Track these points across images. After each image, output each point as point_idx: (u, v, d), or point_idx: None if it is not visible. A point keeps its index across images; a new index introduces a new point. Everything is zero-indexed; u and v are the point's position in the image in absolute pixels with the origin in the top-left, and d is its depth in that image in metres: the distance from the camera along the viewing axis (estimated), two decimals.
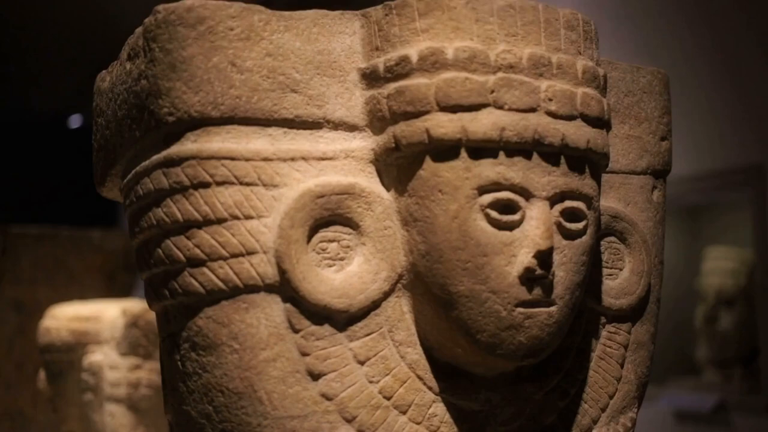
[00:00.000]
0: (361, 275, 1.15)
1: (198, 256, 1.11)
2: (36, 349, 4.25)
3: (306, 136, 1.16)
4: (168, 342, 1.18)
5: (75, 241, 4.49)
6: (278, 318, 1.12)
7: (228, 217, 1.11)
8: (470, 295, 1.14)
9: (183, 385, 1.16)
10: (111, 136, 1.29)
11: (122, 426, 2.49)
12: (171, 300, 1.15)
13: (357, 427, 1.14)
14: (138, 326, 2.54)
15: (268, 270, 1.11)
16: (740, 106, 3.74)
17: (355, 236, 1.16)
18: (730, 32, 3.85)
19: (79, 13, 8.62)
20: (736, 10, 3.86)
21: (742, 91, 3.69)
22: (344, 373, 1.14)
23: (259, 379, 1.11)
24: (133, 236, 1.21)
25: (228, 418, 1.12)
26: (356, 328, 1.15)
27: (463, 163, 1.13)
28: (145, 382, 2.52)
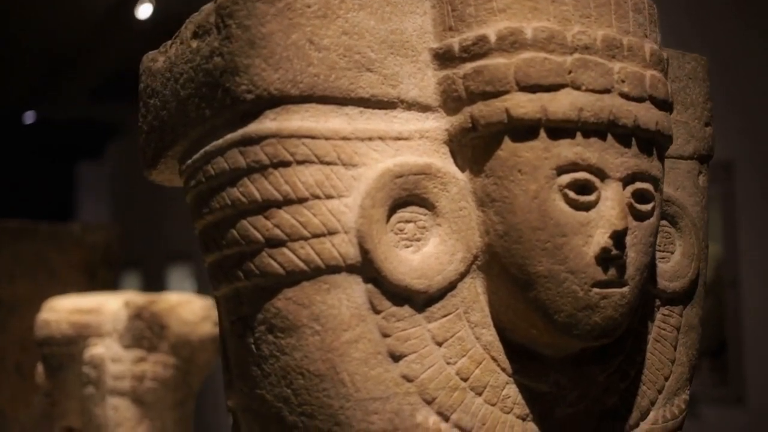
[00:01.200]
0: (438, 256, 1.15)
1: (278, 236, 1.09)
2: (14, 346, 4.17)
3: (381, 115, 1.15)
4: (239, 325, 1.16)
5: (55, 236, 4.41)
6: (360, 299, 1.10)
7: (309, 197, 1.09)
8: (549, 275, 1.14)
9: (257, 368, 1.14)
10: (169, 117, 1.26)
11: (126, 419, 2.45)
12: (245, 282, 1.13)
13: (436, 408, 1.13)
14: (142, 318, 2.49)
15: (350, 250, 1.09)
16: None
17: (431, 217, 1.15)
18: (685, 34, 3.90)
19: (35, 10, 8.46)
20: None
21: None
22: (423, 355, 1.13)
23: (342, 361, 1.09)
24: (199, 217, 1.19)
25: (308, 401, 1.10)
26: (434, 309, 1.14)
27: (543, 143, 1.13)
28: (150, 375, 2.48)
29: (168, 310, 2.51)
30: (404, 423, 1.11)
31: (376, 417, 1.10)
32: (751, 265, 4.33)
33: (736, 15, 4.02)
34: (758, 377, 4.20)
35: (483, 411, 1.16)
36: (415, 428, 1.11)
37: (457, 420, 1.14)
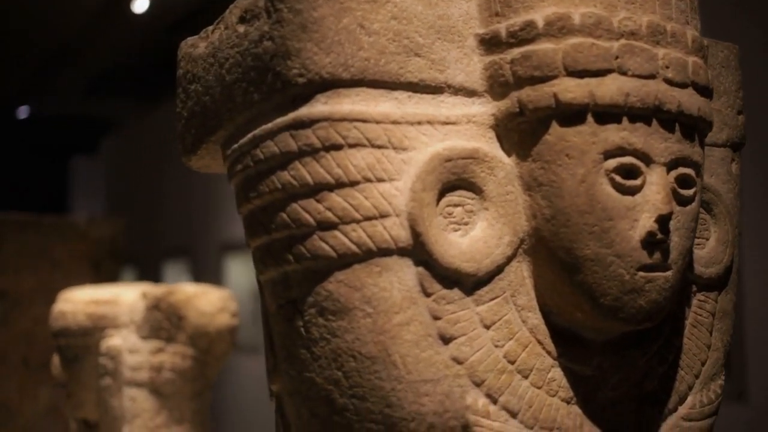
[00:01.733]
0: (486, 240, 1.15)
1: (329, 219, 1.10)
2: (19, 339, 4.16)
3: (429, 100, 1.16)
4: (287, 308, 1.16)
5: (60, 228, 4.41)
6: (410, 282, 1.11)
7: (361, 180, 1.10)
8: (596, 259, 1.15)
9: (306, 351, 1.14)
10: (212, 102, 1.26)
11: (144, 410, 2.44)
12: (295, 265, 1.13)
13: (485, 391, 1.14)
14: (160, 309, 2.49)
15: (401, 233, 1.10)
16: None
17: (479, 201, 1.16)
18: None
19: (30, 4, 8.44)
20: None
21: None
22: (473, 337, 1.14)
23: (393, 343, 1.10)
24: (246, 201, 1.19)
25: (359, 383, 1.11)
26: (482, 292, 1.15)
27: (590, 128, 1.14)
28: (168, 366, 2.47)
29: (185, 301, 2.51)
30: (454, 405, 1.12)
31: (427, 399, 1.11)
32: (752, 258, 4.36)
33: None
34: (760, 372, 4.23)
35: (530, 394, 1.17)
36: (465, 410, 1.12)
37: (505, 402, 1.15)
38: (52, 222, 4.43)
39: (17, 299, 4.24)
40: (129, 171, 12.51)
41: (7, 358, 4.22)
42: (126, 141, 12.91)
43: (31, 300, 4.27)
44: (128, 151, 12.81)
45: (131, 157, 12.65)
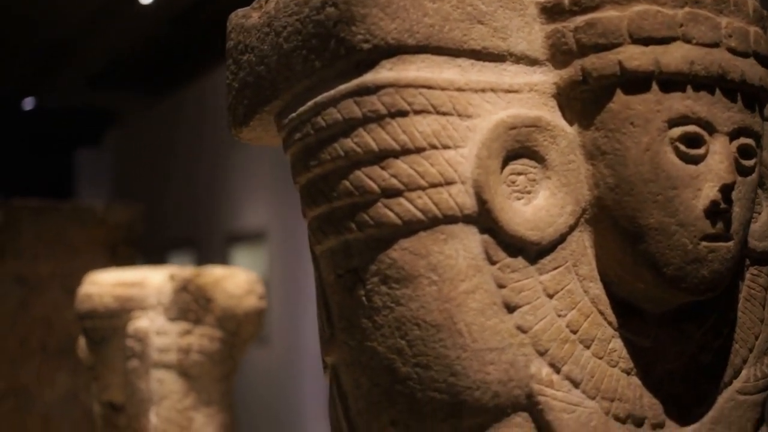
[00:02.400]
0: (549, 209, 1.15)
1: (394, 186, 1.09)
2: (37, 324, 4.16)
3: (491, 68, 1.15)
4: (348, 277, 1.16)
5: (77, 214, 4.41)
6: (476, 249, 1.10)
7: (426, 147, 1.09)
8: (659, 228, 1.14)
9: (368, 320, 1.13)
10: (267, 72, 1.25)
11: (172, 392, 2.44)
12: (357, 233, 1.12)
13: (549, 360, 1.13)
14: (188, 291, 2.48)
15: (467, 200, 1.09)
16: None
17: (541, 170, 1.15)
18: None
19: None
20: None
21: None
22: (536, 306, 1.13)
23: (459, 311, 1.09)
24: (305, 170, 1.18)
25: (423, 352, 1.10)
26: (545, 261, 1.14)
27: (655, 96, 1.14)
28: (196, 348, 2.47)
29: (213, 284, 2.50)
30: (519, 374, 1.11)
31: (492, 367, 1.10)
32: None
33: None
34: None
35: (591, 364, 1.16)
36: (529, 379, 1.12)
37: (568, 372, 1.14)
38: (69, 208, 4.44)
39: (35, 285, 4.24)
40: (134, 163, 12.50)
41: (25, 344, 4.22)
42: (131, 133, 12.90)
43: (48, 285, 4.27)
44: (133, 143, 12.80)
45: (136, 148, 12.64)
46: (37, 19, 9.06)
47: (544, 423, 1.12)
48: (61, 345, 4.27)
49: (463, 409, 1.11)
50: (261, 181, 9.69)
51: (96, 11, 8.87)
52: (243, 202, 9.57)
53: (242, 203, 9.17)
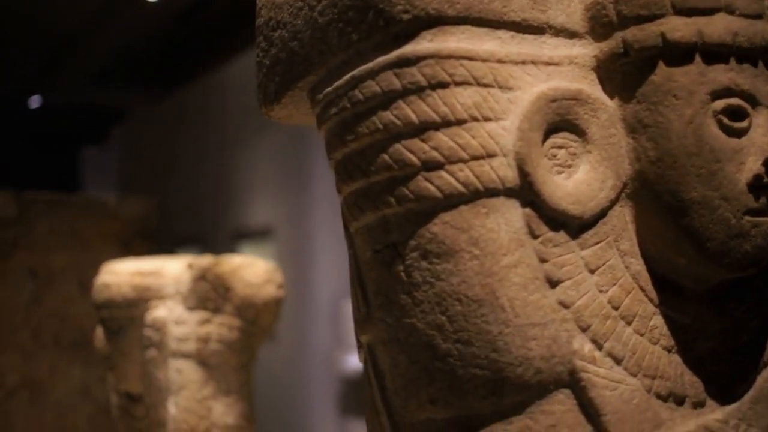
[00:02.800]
0: (590, 183, 1.13)
1: (435, 158, 1.07)
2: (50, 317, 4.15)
3: (531, 41, 1.13)
4: (386, 253, 1.14)
5: (90, 207, 4.39)
6: (518, 223, 1.09)
7: (467, 119, 1.07)
8: (702, 202, 1.13)
9: (407, 296, 1.12)
10: (300, 47, 1.24)
11: (191, 382, 2.43)
12: (396, 208, 1.11)
13: (591, 336, 1.11)
14: (207, 279, 2.47)
15: (509, 173, 1.08)
16: None
17: (581, 144, 1.14)
18: None
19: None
20: None
21: None
22: (578, 281, 1.11)
23: (501, 286, 1.08)
24: (341, 145, 1.17)
25: (465, 327, 1.09)
26: (587, 236, 1.13)
27: (698, 68, 1.12)
28: (215, 337, 2.45)
29: (232, 272, 2.48)
30: (561, 350, 1.09)
31: (535, 343, 1.08)
32: None
33: None
34: None
35: (633, 341, 1.14)
36: (572, 355, 1.10)
37: (610, 349, 1.12)
38: (82, 201, 4.43)
39: (48, 278, 4.23)
40: (140, 160, 12.51)
41: (38, 337, 4.22)
42: (136, 130, 12.90)
43: (61, 279, 4.26)
44: (139, 141, 12.80)
45: (142, 146, 12.63)
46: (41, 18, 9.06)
47: (587, 400, 1.10)
48: (74, 338, 4.26)
49: (505, 386, 1.09)
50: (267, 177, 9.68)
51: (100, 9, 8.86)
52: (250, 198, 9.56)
53: (249, 199, 9.16)
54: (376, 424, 1.22)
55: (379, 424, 1.22)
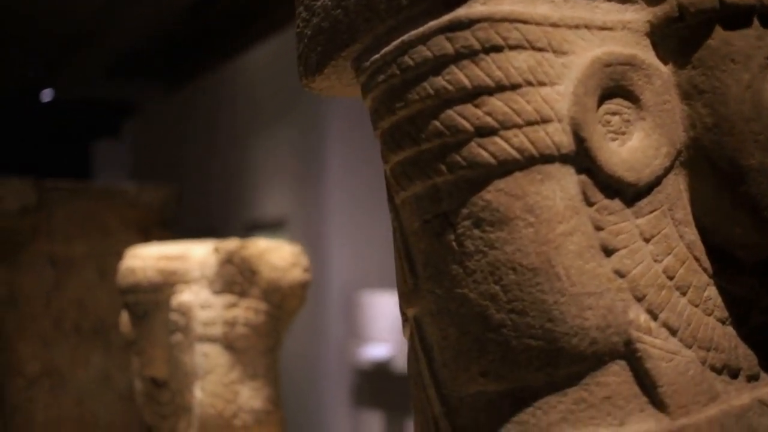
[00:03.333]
0: (644, 150, 1.11)
1: (489, 124, 1.05)
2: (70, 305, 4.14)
3: (583, 5, 1.11)
4: (436, 223, 1.12)
5: (110, 195, 4.39)
6: (573, 190, 1.06)
7: (522, 83, 1.05)
8: (761, 169, 1.10)
9: (458, 266, 1.09)
10: (345, 15, 1.21)
11: (218, 366, 2.41)
12: (447, 176, 1.09)
13: (646, 306, 1.09)
14: (233, 263, 2.45)
15: (564, 139, 1.05)
16: None
17: (635, 110, 1.11)
18: None
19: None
20: None
21: None
22: (634, 250, 1.09)
23: (557, 254, 1.05)
24: (389, 114, 1.14)
25: (519, 297, 1.06)
26: (642, 204, 1.10)
27: (756, 32, 1.09)
28: (242, 321, 2.44)
29: (258, 256, 2.47)
30: (617, 320, 1.07)
31: (590, 313, 1.06)
32: None
33: None
34: None
35: (688, 311, 1.12)
36: (628, 325, 1.07)
37: (665, 319, 1.10)
38: (102, 189, 4.42)
39: (68, 266, 4.22)
40: (152, 153, 12.52)
41: (59, 325, 4.21)
42: (149, 123, 12.90)
43: (81, 266, 4.26)
44: (151, 134, 12.80)
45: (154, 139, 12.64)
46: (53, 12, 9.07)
47: (643, 371, 1.08)
48: (95, 326, 4.25)
49: (559, 356, 1.07)
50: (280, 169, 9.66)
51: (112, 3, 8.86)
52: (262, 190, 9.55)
53: (262, 191, 9.15)
54: (422, 398, 1.20)
55: (426, 398, 1.20)
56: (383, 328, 7.84)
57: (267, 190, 9.43)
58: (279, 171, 9.64)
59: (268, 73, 9.74)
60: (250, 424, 2.38)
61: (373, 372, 7.25)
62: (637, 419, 1.09)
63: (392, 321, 7.74)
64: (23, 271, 4.14)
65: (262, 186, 9.56)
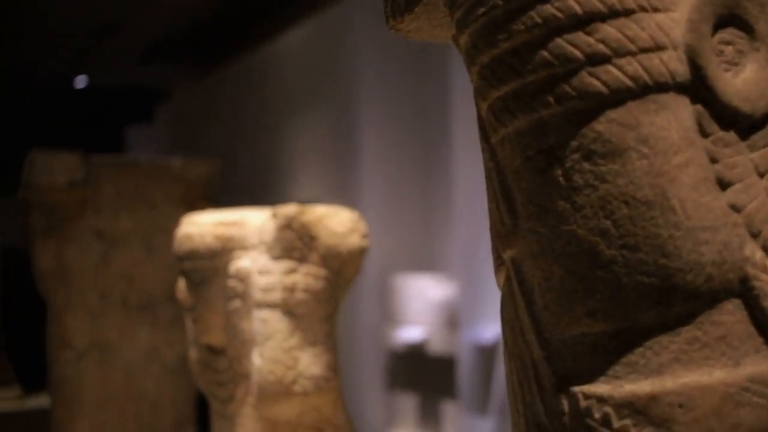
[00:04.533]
0: (758, 82, 1.06)
1: (601, 52, 1.01)
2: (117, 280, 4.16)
3: None
4: (541, 158, 1.08)
5: (155, 170, 4.39)
6: (688, 121, 1.02)
7: (636, 9, 1.01)
8: None
9: (565, 202, 1.06)
10: None
11: (278, 332, 2.39)
12: (555, 107, 1.05)
13: (762, 243, 1.05)
14: (292, 228, 2.43)
15: (678, 67, 1.01)
16: None
17: (749, 41, 1.07)
18: None
19: None
20: None
21: None
22: (749, 185, 1.05)
23: (672, 186, 1.01)
24: (489, 47, 1.11)
25: (632, 232, 1.03)
26: (756, 137, 1.06)
27: None
28: (301, 287, 2.42)
29: (317, 221, 2.45)
30: (732, 255, 1.03)
31: (706, 248, 1.02)
32: None
33: None
34: None
35: None
36: (744, 262, 1.03)
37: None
38: (148, 164, 4.43)
39: (115, 240, 4.24)
40: (184, 137, 12.56)
41: (107, 299, 4.23)
42: (182, 108, 12.94)
43: (128, 241, 4.27)
44: (184, 118, 12.83)
45: (187, 123, 12.67)
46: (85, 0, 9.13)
47: (759, 310, 1.04)
48: (141, 300, 4.27)
49: (673, 293, 1.03)
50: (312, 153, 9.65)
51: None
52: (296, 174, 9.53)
53: (295, 175, 9.14)
54: (520, 343, 1.17)
55: (524, 342, 1.16)
56: (418, 311, 7.82)
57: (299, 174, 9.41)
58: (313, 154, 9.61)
59: (301, 57, 9.72)
60: (310, 391, 2.36)
61: (408, 354, 7.23)
62: (752, 360, 1.05)
63: (427, 303, 7.72)
64: (71, 245, 4.15)
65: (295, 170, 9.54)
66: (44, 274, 4.10)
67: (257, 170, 9.58)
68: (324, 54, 9.30)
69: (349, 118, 8.82)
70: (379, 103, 8.75)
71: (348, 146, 8.80)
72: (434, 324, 7.77)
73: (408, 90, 8.81)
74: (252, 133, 10.56)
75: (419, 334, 7.68)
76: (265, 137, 10.11)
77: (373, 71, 8.65)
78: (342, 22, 8.92)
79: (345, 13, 8.83)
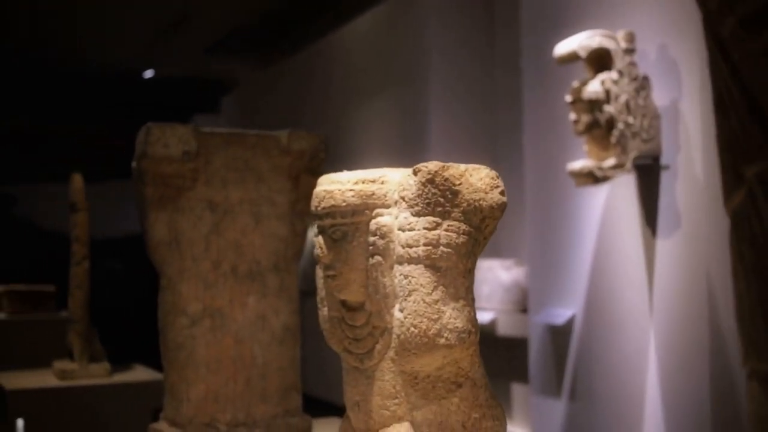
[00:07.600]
0: None
1: None
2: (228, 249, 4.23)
3: None
4: None
5: (263, 143, 4.48)
6: None
7: None
8: None
9: None
10: None
11: (420, 286, 2.43)
12: None
13: None
14: (435, 184, 2.47)
15: None
16: None
17: None
18: None
19: None
20: None
21: None
22: None
23: None
24: None
25: None
26: None
27: None
28: (444, 241, 2.45)
29: (459, 177, 2.48)
30: None
31: None
32: None
33: None
34: None
35: None
36: None
37: None
38: (256, 136, 4.52)
39: (225, 210, 4.33)
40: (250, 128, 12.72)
41: (219, 267, 4.32)
42: (247, 99, 13.06)
43: (237, 211, 4.36)
44: (249, 108, 12.95)
45: (250, 114, 12.78)
46: None
47: None
48: (251, 269, 4.35)
49: None
50: (378, 141, 9.68)
51: None
52: (361, 160, 9.57)
53: (360, 162, 9.20)
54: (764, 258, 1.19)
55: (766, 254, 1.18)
56: (487, 295, 7.84)
57: (367, 160, 9.45)
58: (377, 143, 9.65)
59: (369, 44, 9.76)
60: (454, 343, 2.40)
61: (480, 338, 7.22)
62: None
63: (496, 287, 7.73)
64: (185, 214, 4.25)
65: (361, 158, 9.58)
66: (159, 243, 4.22)
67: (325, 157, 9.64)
68: (392, 40, 9.33)
69: (418, 104, 8.84)
70: (448, 89, 8.76)
71: (417, 132, 8.82)
72: (504, 308, 7.78)
73: (477, 75, 8.82)
74: (318, 120, 10.63)
75: (488, 316, 7.70)
76: (332, 124, 10.18)
77: (443, 56, 8.66)
78: (411, 7, 8.96)
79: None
